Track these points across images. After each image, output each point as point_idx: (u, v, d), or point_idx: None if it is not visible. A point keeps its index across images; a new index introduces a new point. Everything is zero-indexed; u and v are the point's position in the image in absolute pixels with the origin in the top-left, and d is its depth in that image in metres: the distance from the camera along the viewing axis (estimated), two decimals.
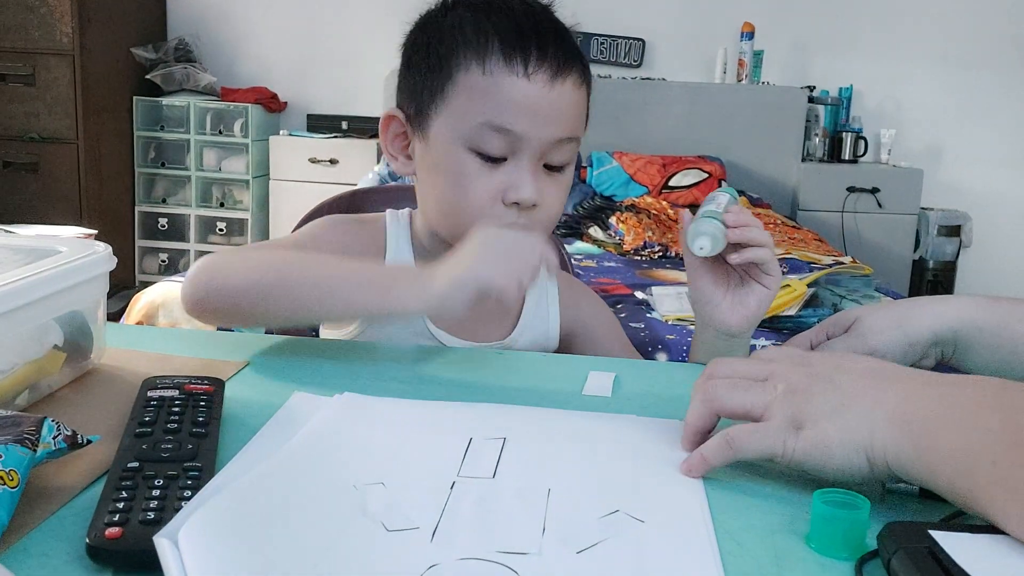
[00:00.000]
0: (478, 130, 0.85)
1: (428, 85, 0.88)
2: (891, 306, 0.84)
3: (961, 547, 0.45)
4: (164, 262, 4.23)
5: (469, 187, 0.87)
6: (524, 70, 0.84)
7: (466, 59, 0.86)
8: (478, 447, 0.60)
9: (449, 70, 0.86)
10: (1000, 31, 4.09)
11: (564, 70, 0.86)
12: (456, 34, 0.87)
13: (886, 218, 3.94)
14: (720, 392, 0.60)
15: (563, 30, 0.89)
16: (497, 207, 0.87)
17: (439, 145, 0.88)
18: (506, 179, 0.86)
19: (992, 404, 0.50)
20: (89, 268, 0.69)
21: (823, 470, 0.55)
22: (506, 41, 0.85)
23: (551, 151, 0.87)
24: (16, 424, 0.51)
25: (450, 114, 0.87)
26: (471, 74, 0.85)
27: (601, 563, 0.46)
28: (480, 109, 0.85)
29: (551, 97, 0.85)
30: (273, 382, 0.74)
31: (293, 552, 0.45)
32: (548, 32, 0.87)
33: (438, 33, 0.88)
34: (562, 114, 0.86)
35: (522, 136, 0.85)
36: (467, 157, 0.86)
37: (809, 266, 2.62)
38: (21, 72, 3.76)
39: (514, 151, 0.86)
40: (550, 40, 0.86)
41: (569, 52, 0.87)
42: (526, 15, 0.87)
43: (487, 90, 0.85)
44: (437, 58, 0.87)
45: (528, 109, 0.84)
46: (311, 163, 4.08)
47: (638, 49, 4.21)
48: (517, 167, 0.86)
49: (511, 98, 0.84)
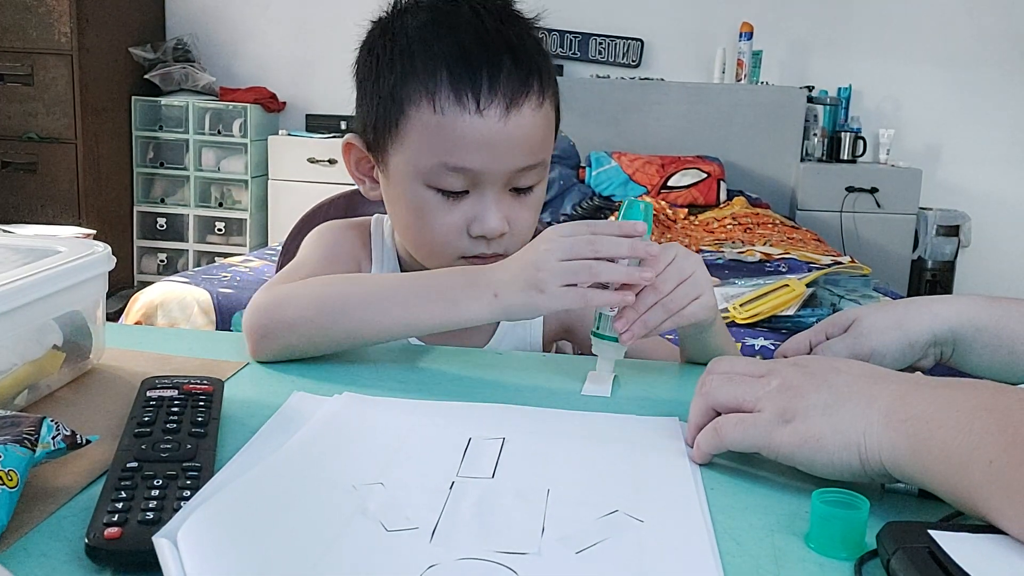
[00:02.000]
0: (435, 169, 0.83)
1: (382, 116, 0.85)
2: (890, 306, 0.84)
3: (960, 547, 0.45)
4: (163, 262, 4.23)
5: (433, 223, 0.85)
6: (476, 106, 0.81)
7: (416, 94, 0.82)
8: (477, 447, 0.61)
9: (400, 104, 0.84)
10: (1000, 31, 4.09)
11: (519, 97, 0.82)
12: (404, 62, 0.84)
13: (885, 218, 3.95)
14: (715, 386, 0.62)
15: (516, 46, 0.83)
16: (463, 240, 0.85)
17: (399, 181, 0.86)
18: (470, 211, 0.84)
19: (988, 405, 0.50)
20: (88, 268, 0.69)
21: (812, 465, 0.55)
22: (455, 74, 0.81)
23: (515, 178, 0.85)
24: (15, 424, 0.51)
25: (406, 150, 0.84)
26: (422, 111, 0.82)
27: (600, 563, 0.46)
28: (434, 149, 0.82)
29: (507, 130, 0.82)
30: (272, 382, 0.74)
31: (292, 552, 0.45)
32: (500, 54, 0.82)
33: (387, 59, 0.85)
34: (521, 144, 0.83)
35: (480, 172, 0.83)
36: (427, 193, 0.84)
37: (808, 266, 2.62)
38: (19, 72, 3.76)
39: (475, 184, 0.84)
40: (503, 64, 0.82)
41: (524, 72, 0.83)
42: (475, 34, 0.83)
43: (440, 129, 0.82)
44: (388, 88, 0.85)
45: (484, 145, 0.81)
46: (310, 163, 4.08)
47: (637, 49, 4.21)
48: (480, 199, 0.84)
49: (464, 136, 0.81)
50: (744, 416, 0.58)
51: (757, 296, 1.97)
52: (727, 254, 2.85)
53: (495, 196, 0.84)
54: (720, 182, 3.80)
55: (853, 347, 0.81)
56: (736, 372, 0.62)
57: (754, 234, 3.26)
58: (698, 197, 3.74)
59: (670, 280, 0.76)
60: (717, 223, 3.46)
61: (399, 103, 0.84)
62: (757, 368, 0.62)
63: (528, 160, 0.84)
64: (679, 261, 0.77)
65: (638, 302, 0.75)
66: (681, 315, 0.76)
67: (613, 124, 3.99)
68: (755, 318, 1.91)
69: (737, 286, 2.09)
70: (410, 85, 0.83)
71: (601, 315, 0.77)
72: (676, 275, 0.76)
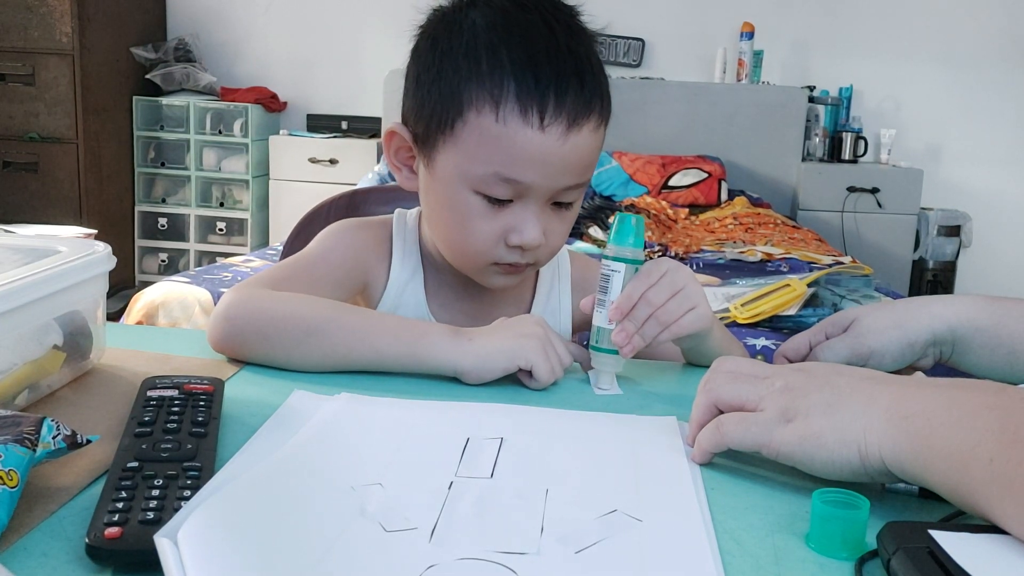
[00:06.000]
0: (487, 178, 0.82)
1: (437, 113, 0.84)
2: (890, 306, 0.84)
3: (961, 547, 0.45)
4: (164, 262, 4.23)
5: (473, 228, 0.85)
6: (540, 122, 0.80)
7: (479, 99, 0.81)
8: (476, 447, 0.61)
9: (460, 105, 0.82)
10: (1000, 31, 4.09)
11: (581, 118, 0.82)
12: (471, 63, 0.82)
13: (886, 218, 3.95)
14: (719, 384, 0.62)
15: (584, 67, 0.82)
16: (500, 248, 0.86)
17: (444, 181, 0.85)
18: (511, 221, 0.84)
19: (989, 403, 0.50)
20: (89, 268, 0.69)
21: (812, 463, 0.55)
22: (523, 86, 0.80)
23: (561, 194, 0.85)
24: (16, 424, 0.51)
25: (458, 152, 0.83)
26: (483, 117, 0.81)
27: (600, 563, 0.46)
28: (490, 158, 0.81)
29: (565, 150, 0.81)
30: (272, 382, 0.74)
31: (292, 552, 0.45)
32: (568, 72, 0.81)
33: (452, 55, 0.83)
34: (575, 164, 0.83)
35: (531, 186, 0.82)
36: (472, 199, 0.84)
37: (809, 266, 2.62)
38: (21, 72, 3.76)
39: (521, 195, 0.84)
40: (570, 84, 0.81)
41: (590, 93, 0.82)
42: (546, 47, 0.81)
43: (499, 139, 0.81)
44: (449, 87, 0.83)
45: (540, 162, 0.81)
46: (311, 163, 4.08)
47: (637, 49, 4.21)
48: (523, 210, 0.84)
49: (524, 151, 0.80)
50: (746, 415, 0.58)
51: (758, 296, 1.97)
52: (728, 254, 2.85)
53: (538, 209, 0.84)
54: (721, 182, 3.80)
55: (853, 347, 0.81)
56: (740, 372, 0.62)
57: (755, 234, 3.26)
58: (699, 197, 3.74)
59: (662, 293, 0.78)
60: (718, 223, 3.46)
61: (459, 104, 0.82)
62: (761, 369, 0.62)
63: (577, 179, 0.85)
64: (670, 275, 0.79)
65: (634, 315, 0.77)
66: (677, 326, 0.78)
67: (614, 124, 3.89)
68: (756, 318, 1.91)
69: (738, 286, 2.09)
70: (474, 89, 0.81)
71: (599, 329, 0.78)
72: (668, 288, 0.78)
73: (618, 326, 0.77)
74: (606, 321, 0.78)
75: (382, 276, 0.96)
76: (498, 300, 0.97)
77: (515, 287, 0.97)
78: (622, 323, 0.77)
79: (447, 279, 0.97)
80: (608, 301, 0.78)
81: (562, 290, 1.02)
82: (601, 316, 0.79)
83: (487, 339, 0.77)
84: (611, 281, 0.78)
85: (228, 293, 0.81)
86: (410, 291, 0.96)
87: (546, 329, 0.79)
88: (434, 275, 0.97)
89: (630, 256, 0.78)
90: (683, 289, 0.78)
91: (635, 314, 0.77)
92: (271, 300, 0.81)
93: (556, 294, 1.02)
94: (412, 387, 0.75)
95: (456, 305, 0.97)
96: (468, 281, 0.93)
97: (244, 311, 0.79)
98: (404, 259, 0.97)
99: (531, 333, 0.77)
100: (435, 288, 0.97)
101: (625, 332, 0.77)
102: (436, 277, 0.97)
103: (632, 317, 0.77)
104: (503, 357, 0.75)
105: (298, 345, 0.77)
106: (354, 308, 0.83)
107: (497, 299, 0.97)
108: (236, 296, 0.81)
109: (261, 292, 0.82)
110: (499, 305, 0.97)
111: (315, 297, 0.83)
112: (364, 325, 0.78)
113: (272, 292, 0.82)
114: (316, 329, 0.77)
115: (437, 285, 0.97)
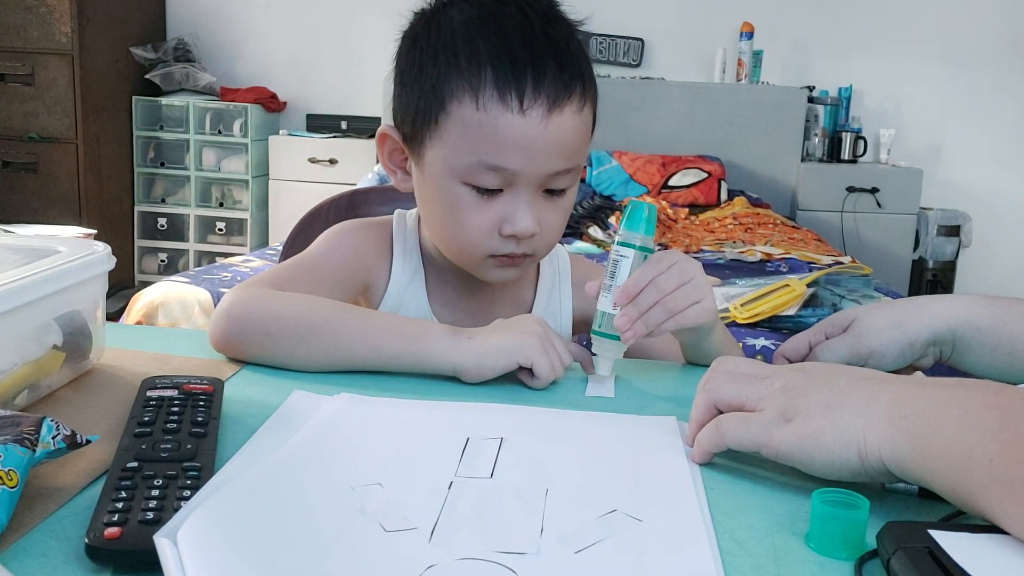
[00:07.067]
0: (473, 167, 0.83)
1: (422, 109, 0.85)
2: (889, 306, 0.84)
3: (961, 547, 0.45)
4: (163, 262, 4.23)
5: (465, 220, 0.85)
6: (519, 105, 0.80)
7: (459, 90, 0.82)
8: (475, 447, 0.61)
9: (441, 99, 0.83)
10: (1000, 31, 4.09)
11: (562, 99, 0.82)
12: (449, 57, 0.83)
13: (885, 218, 3.95)
14: (719, 384, 0.62)
15: (562, 49, 0.83)
16: (493, 238, 0.86)
17: (434, 176, 0.86)
18: (503, 211, 0.84)
19: (989, 403, 0.50)
20: (88, 268, 0.69)
21: (811, 463, 0.55)
22: (500, 73, 0.81)
23: (550, 180, 0.85)
24: (15, 424, 0.51)
25: (444, 146, 0.84)
26: (464, 107, 0.82)
27: (600, 563, 0.46)
28: (474, 147, 0.82)
29: (547, 133, 0.81)
30: (272, 382, 0.74)
31: (292, 552, 0.45)
32: (545, 56, 0.82)
33: (431, 52, 0.84)
34: (560, 147, 0.83)
35: (517, 172, 0.82)
36: (462, 190, 0.84)
37: (809, 266, 2.62)
38: (20, 72, 3.76)
39: (510, 183, 0.84)
40: (548, 66, 0.81)
41: (569, 75, 0.82)
42: (522, 34, 0.82)
43: (481, 127, 0.81)
44: (430, 82, 0.84)
45: (524, 147, 0.81)
46: (310, 163, 4.08)
47: (637, 49, 4.21)
48: (514, 199, 0.84)
49: (506, 136, 0.81)
50: (746, 415, 0.58)
51: (758, 296, 1.97)
52: (728, 254, 2.85)
53: (529, 197, 0.84)
54: (721, 182, 3.80)
55: (853, 347, 0.81)
56: (740, 372, 0.62)
57: (755, 234, 3.26)
58: (699, 197, 3.74)
59: (671, 281, 0.78)
60: (718, 223, 3.46)
61: (440, 98, 0.83)
62: (761, 370, 0.62)
63: (565, 164, 0.84)
64: (680, 265, 0.79)
65: (639, 301, 0.77)
66: (683, 316, 0.78)
67: (614, 123, 3.98)
68: (756, 318, 1.91)
69: (738, 286, 2.09)
70: (453, 81, 0.82)
71: (602, 313, 0.78)
72: (678, 277, 0.78)
73: (621, 311, 0.77)
74: (611, 305, 0.78)
75: (384, 276, 0.97)
76: (499, 300, 0.98)
77: (516, 286, 0.97)
78: (625, 308, 0.77)
79: (448, 278, 0.97)
80: (614, 286, 0.78)
81: (563, 291, 1.02)
82: (606, 300, 0.79)
83: (486, 337, 0.77)
84: (619, 266, 0.79)
85: (230, 293, 0.81)
86: (412, 291, 0.96)
87: (545, 328, 0.79)
88: (435, 275, 0.97)
89: (639, 243, 0.79)
90: (692, 280, 0.79)
91: (641, 299, 0.77)
92: (273, 300, 0.81)
93: (557, 295, 1.02)
94: (412, 387, 0.75)
95: (458, 304, 0.97)
96: (470, 280, 0.93)
97: (246, 310, 0.79)
98: (405, 259, 0.97)
99: (531, 331, 0.77)
100: (437, 288, 0.97)
101: (628, 317, 0.77)
102: (437, 277, 0.97)
103: (638, 303, 0.77)
104: (502, 354, 0.76)
105: (300, 344, 0.77)
106: (354, 308, 0.84)
107: (498, 299, 0.98)
108: (238, 295, 0.81)
109: (263, 292, 0.83)
110: (501, 305, 0.97)
111: (317, 297, 0.83)
112: (364, 324, 0.78)
113: (274, 292, 0.83)
114: (317, 328, 0.77)
115: (439, 285, 0.97)
